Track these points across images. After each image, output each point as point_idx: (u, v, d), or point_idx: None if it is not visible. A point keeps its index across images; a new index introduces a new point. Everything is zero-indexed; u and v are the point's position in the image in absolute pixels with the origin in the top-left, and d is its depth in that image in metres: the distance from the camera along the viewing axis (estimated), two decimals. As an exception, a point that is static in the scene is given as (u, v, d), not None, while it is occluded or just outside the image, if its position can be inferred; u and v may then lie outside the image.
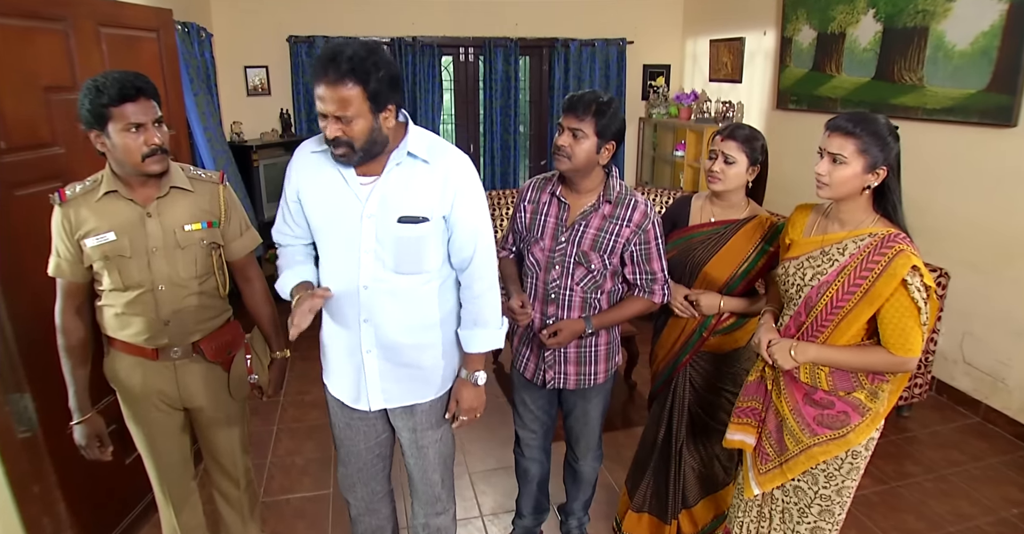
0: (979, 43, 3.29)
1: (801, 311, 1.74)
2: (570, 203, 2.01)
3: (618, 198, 2.00)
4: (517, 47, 5.71)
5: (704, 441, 2.34)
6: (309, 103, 5.45)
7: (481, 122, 6.01)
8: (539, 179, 2.11)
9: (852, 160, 1.62)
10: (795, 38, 4.59)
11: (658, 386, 2.38)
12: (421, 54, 5.50)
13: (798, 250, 1.79)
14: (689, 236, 2.20)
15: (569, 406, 2.27)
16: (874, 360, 1.67)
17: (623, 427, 3.45)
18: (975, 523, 2.73)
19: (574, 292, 2.04)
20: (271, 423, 3.42)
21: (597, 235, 1.99)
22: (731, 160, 2.06)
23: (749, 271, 2.10)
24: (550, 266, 2.03)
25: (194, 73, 3.90)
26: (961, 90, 3.42)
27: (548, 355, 2.12)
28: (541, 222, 2.04)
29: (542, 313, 2.09)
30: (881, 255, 1.61)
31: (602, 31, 5.90)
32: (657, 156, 6.40)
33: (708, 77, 5.78)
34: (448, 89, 5.98)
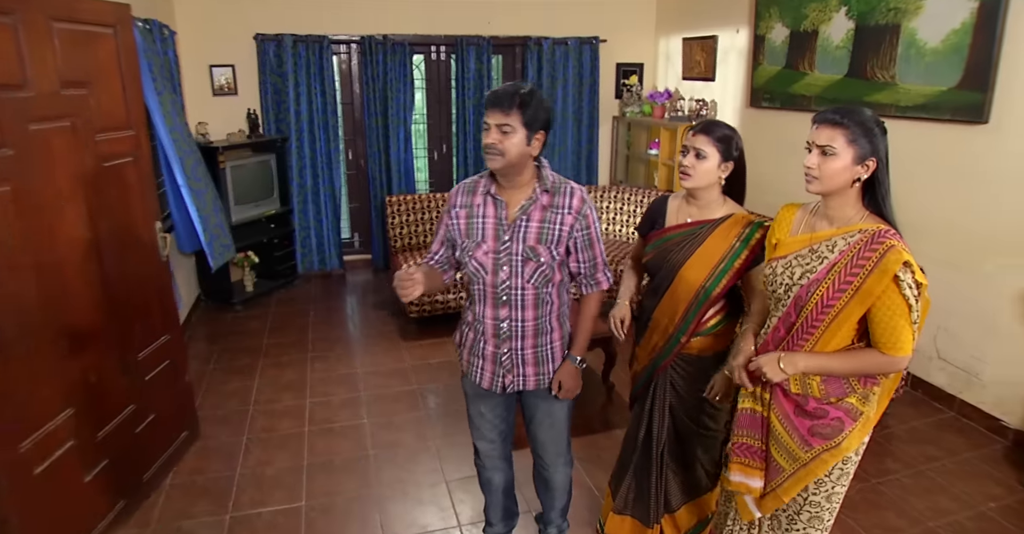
0: (950, 40, 3.31)
1: (791, 311, 1.71)
2: (506, 200, 1.95)
3: (554, 187, 1.96)
4: (490, 45, 5.65)
5: (686, 446, 2.29)
6: (277, 103, 5.33)
7: (454, 121, 5.94)
8: (466, 183, 2.03)
9: (842, 151, 1.58)
10: (768, 36, 4.59)
11: (638, 388, 2.33)
12: (392, 53, 5.41)
13: (785, 249, 1.76)
14: (666, 237, 2.16)
15: (531, 411, 2.20)
16: (865, 362, 1.64)
17: (603, 430, 3.40)
18: (955, 518, 2.73)
19: (525, 290, 1.98)
20: (240, 434, 3.30)
21: (541, 227, 1.94)
22: (702, 155, 2.02)
23: (727, 271, 2.05)
24: (497, 267, 1.96)
25: (157, 72, 3.77)
26: (933, 87, 3.43)
27: (505, 358, 2.06)
28: (479, 225, 1.96)
29: (495, 317, 2.02)
30: (872, 251, 1.58)
31: (575, 30, 5.87)
32: (631, 155, 6.39)
33: (681, 75, 5.77)
34: (420, 88, 5.90)
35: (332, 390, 3.78)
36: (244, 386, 3.80)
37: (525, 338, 2.04)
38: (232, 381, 3.86)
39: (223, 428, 3.35)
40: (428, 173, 6.19)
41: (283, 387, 3.80)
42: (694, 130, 2.06)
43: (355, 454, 3.15)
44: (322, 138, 5.46)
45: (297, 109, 5.34)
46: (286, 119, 5.35)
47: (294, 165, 5.45)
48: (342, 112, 5.71)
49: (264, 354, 4.24)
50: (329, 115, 5.43)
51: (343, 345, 4.42)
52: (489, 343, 2.07)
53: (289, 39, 5.17)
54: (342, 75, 5.66)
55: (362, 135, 5.76)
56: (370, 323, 4.84)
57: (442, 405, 3.63)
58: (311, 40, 5.23)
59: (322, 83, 5.34)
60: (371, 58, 5.39)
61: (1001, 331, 3.29)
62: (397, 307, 4.93)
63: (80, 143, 2.35)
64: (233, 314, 4.92)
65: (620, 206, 5.51)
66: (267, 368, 4.04)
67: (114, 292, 2.53)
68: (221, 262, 4.23)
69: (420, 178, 6.12)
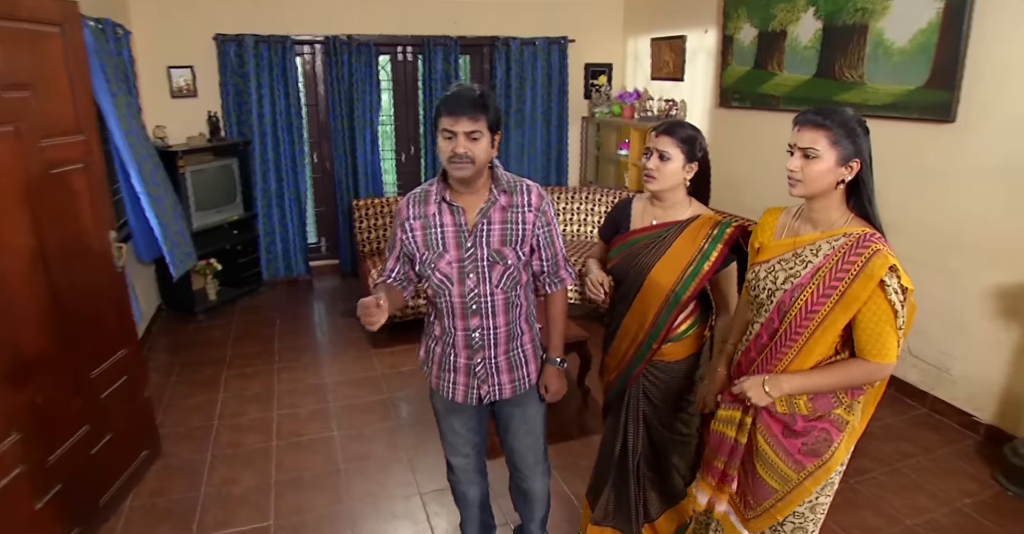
0: (917, 40, 3.33)
1: (774, 317, 1.66)
2: (463, 206, 1.87)
3: (511, 186, 1.90)
4: (457, 46, 5.57)
5: (662, 454, 2.24)
6: (239, 105, 5.17)
7: (421, 123, 5.85)
8: (415, 193, 1.92)
9: (825, 153, 1.54)
10: (736, 36, 4.59)
11: (611, 398, 2.27)
12: (357, 53, 5.30)
13: (768, 253, 1.71)
14: (632, 241, 2.10)
15: (506, 420, 2.13)
16: (851, 374, 1.60)
17: (579, 436, 3.35)
18: (931, 516, 2.74)
19: (495, 296, 1.91)
20: (203, 450, 3.17)
21: (504, 229, 1.88)
22: (666, 157, 1.98)
23: (696, 274, 2.00)
24: (463, 276, 1.89)
25: (111, 73, 3.61)
26: (901, 86, 3.45)
27: (479, 369, 1.99)
28: (438, 235, 1.87)
29: (465, 328, 1.94)
30: (857, 255, 1.54)
31: (543, 30, 5.82)
32: (601, 155, 6.36)
33: (650, 76, 5.76)
34: (386, 89, 5.79)
35: (300, 401, 3.66)
36: (208, 399, 3.66)
37: (498, 345, 1.98)
38: (195, 395, 3.71)
39: (186, 445, 3.21)
40: (396, 175, 6.08)
41: (249, 399, 3.67)
42: (657, 131, 2.01)
43: (325, 468, 3.04)
44: (286, 141, 5.32)
45: (260, 111, 5.19)
46: (248, 122, 5.19)
47: (257, 169, 5.30)
48: (306, 114, 5.57)
49: (228, 365, 4.09)
50: (293, 117, 5.30)
51: (311, 354, 4.29)
52: (461, 355, 1.99)
53: (250, 39, 5.02)
54: (306, 76, 5.53)
55: (327, 137, 5.63)
56: (338, 330, 4.72)
57: (414, 414, 3.54)
58: (273, 40, 5.09)
59: (285, 84, 5.20)
60: (336, 59, 5.27)
61: (969, 328, 3.32)
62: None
63: (24, 149, 2.21)
64: (196, 324, 4.75)
65: (591, 207, 5.48)
66: (232, 380, 3.90)
67: (64, 305, 2.39)
68: (183, 270, 4.08)
69: (388, 181, 6.01)
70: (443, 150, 1.78)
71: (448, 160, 1.78)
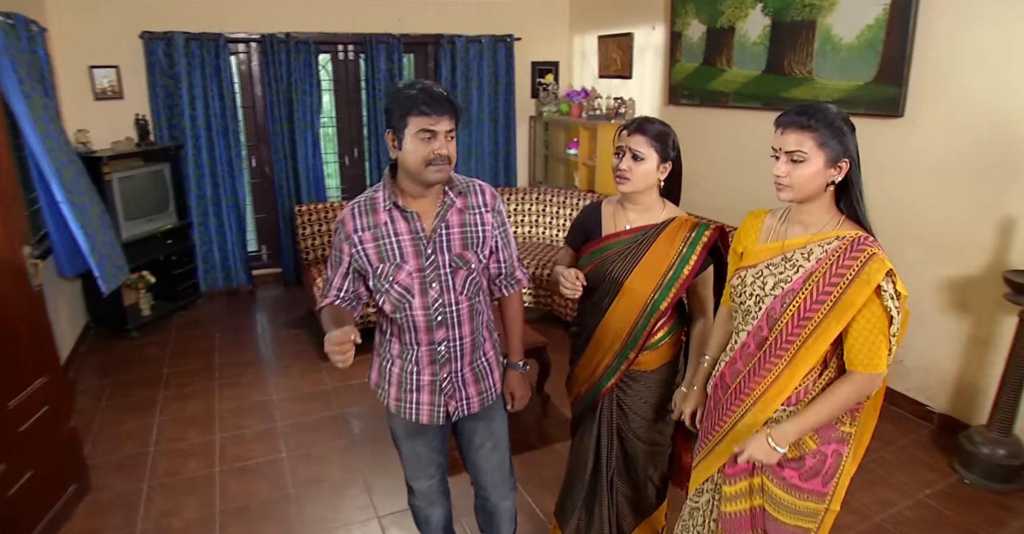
0: (865, 36, 3.34)
1: (763, 325, 1.57)
2: (417, 211, 1.74)
3: (464, 187, 1.80)
4: (401, 44, 5.39)
5: (637, 466, 2.15)
6: (170, 107, 4.88)
7: (365, 124, 5.65)
8: (360, 203, 1.75)
9: (813, 156, 1.47)
10: (685, 33, 4.57)
11: (581, 412, 2.16)
12: (296, 52, 5.07)
13: (754, 258, 1.63)
14: (605, 247, 2.00)
15: (470, 436, 2.00)
16: (847, 394, 1.51)
17: (541, 445, 3.24)
18: (897, 509, 2.74)
19: (459, 304, 1.80)
20: (139, 481, 2.93)
21: (464, 232, 1.78)
22: (640, 156, 1.88)
23: (675, 280, 1.92)
24: (425, 287, 1.76)
25: (24, 73, 3.31)
26: (850, 82, 3.47)
27: (446, 384, 1.87)
28: (393, 245, 1.73)
29: (430, 342, 1.82)
30: (852, 259, 1.47)
31: (489, 27, 5.70)
32: (550, 155, 6.29)
33: (598, 74, 5.71)
34: (327, 89, 5.57)
35: (244, 422, 3.43)
36: (142, 424, 3.40)
37: (463, 357, 1.86)
38: (128, 420, 3.44)
39: (119, 476, 2.96)
40: (339, 179, 5.86)
41: (188, 422, 3.42)
42: (628, 130, 1.91)
43: (274, 495, 2.84)
44: (222, 144, 5.05)
45: (192, 114, 4.91)
46: (180, 125, 4.90)
47: (191, 174, 5.01)
48: (243, 116, 5.31)
49: (165, 385, 3.83)
50: (229, 120, 5.03)
51: (255, 369, 4.06)
52: (424, 372, 1.86)
53: (180, 37, 4.73)
54: (242, 76, 5.26)
55: (266, 141, 5.37)
56: (284, 342, 4.49)
57: (368, 429, 3.36)
58: (205, 38, 4.81)
59: (219, 85, 4.94)
60: (273, 58, 5.03)
61: (921, 318, 3.35)
62: (313, 323, 4.60)
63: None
64: (128, 342, 4.44)
65: (542, 208, 5.39)
66: (169, 401, 3.64)
67: (-29, 332, 2.14)
68: (115, 285, 3.78)
69: (331, 185, 5.78)
70: (417, 152, 1.64)
71: (427, 163, 1.65)
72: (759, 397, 1.60)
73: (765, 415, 1.60)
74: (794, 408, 1.59)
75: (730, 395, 1.66)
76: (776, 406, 1.59)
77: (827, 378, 1.58)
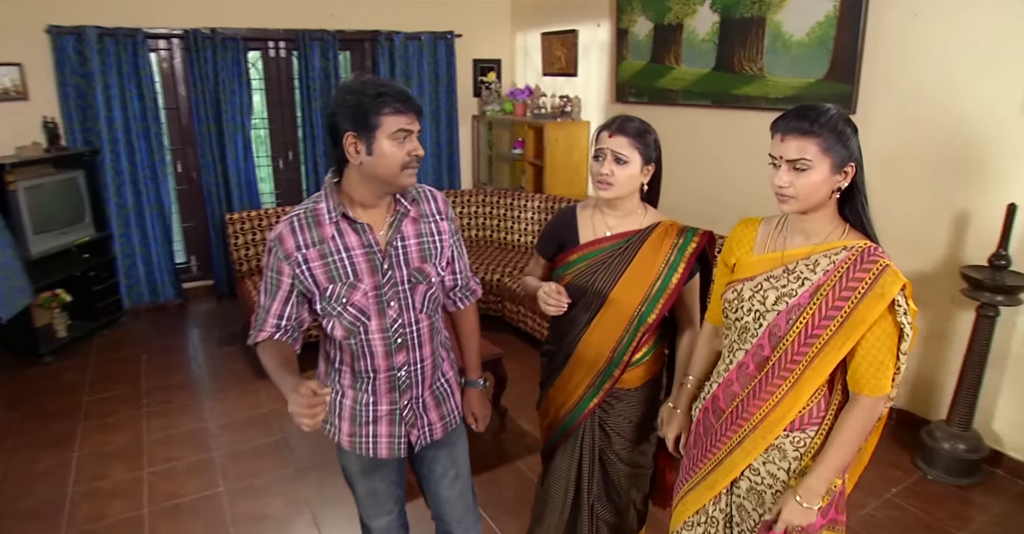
0: (816, 33, 3.31)
1: (764, 343, 1.44)
2: (369, 222, 1.56)
3: (416, 193, 1.65)
4: (336, 41, 5.13)
5: (620, 490, 2.01)
6: (83, 109, 4.48)
7: (299, 125, 5.36)
8: (299, 216, 1.55)
9: (817, 163, 1.34)
10: (631, 30, 4.48)
11: (559, 437, 2.00)
12: (223, 49, 4.74)
13: (751, 270, 1.49)
14: (585, 256, 1.85)
15: (431, 465, 1.82)
16: (859, 425, 1.40)
17: (501, 463, 3.06)
18: (867, 511, 2.70)
19: (420, 323, 1.64)
20: (55, 528, 2.60)
21: (421, 243, 1.62)
22: (623, 159, 1.74)
23: (664, 290, 1.78)
24: (383, 306, 1.57)
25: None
26: (801, 79, 3.44)
27: (407, 412, 1.69)
28: (344, 262, 1.54)
29: (389, 367, 1.63)
30: (864, 272, 1.35)
31: (428, 24, 5.50)
32: (495, 155, 6.14)
33: (542, 71, 5.59)
34: (258, 89, 5.25)
35: (176, 453, 3.13)
36: (59, 462, 3.05)
37: (424, 381, 1.70)
38: (42, 458, 3.09)
39: (31, 524, 2.63)
40: (273, 184, 5.54)
41: (111, 457, 3.09)
42: (609, 130, 1.76)
43: (212, 536, 2.59)
44: (143, 149, 4.68)
45: (109, 116, 4.52)
46: (96, 128, 4.51)
47: (110, 182, 4.62)
48: (166, 118, 4.94)
49: (85, 415, 3.47)
50: (150, 122, 4.66)
51: (187, 393, 3.74)
52: (383, 401, 1.67)
53: (93, 32, 4.35)
54: (164, 75, 4.89)
55: (192, 144, 5.01)
56: (218, 361, 4.18)
57: (314, 455, 3.11)
58: (121, 34, 4.44)
59: (139, 85, 4.57)
60: (198, 55, 4.69)
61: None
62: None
63: None
64: (41, 367, 4.02)
65: (489, 210, 5.22)
66: (89, 434, 3.30)
67: None
68: (14, 310, 3.39)
69: (265, 190, 5.46)
70: (395, 155, 1.46)
71: (403, 166, 1.48)
72: (759, 422, 1.47)
73: (766, 442, 1.48)
74: (798, 434, 1.47)
75: (725, 420, 1.53)
76: (778, 432, 1.46)
77: (837, 401, 1.46)
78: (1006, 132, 2.79)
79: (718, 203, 4.07)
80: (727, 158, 4.04)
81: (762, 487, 1.52)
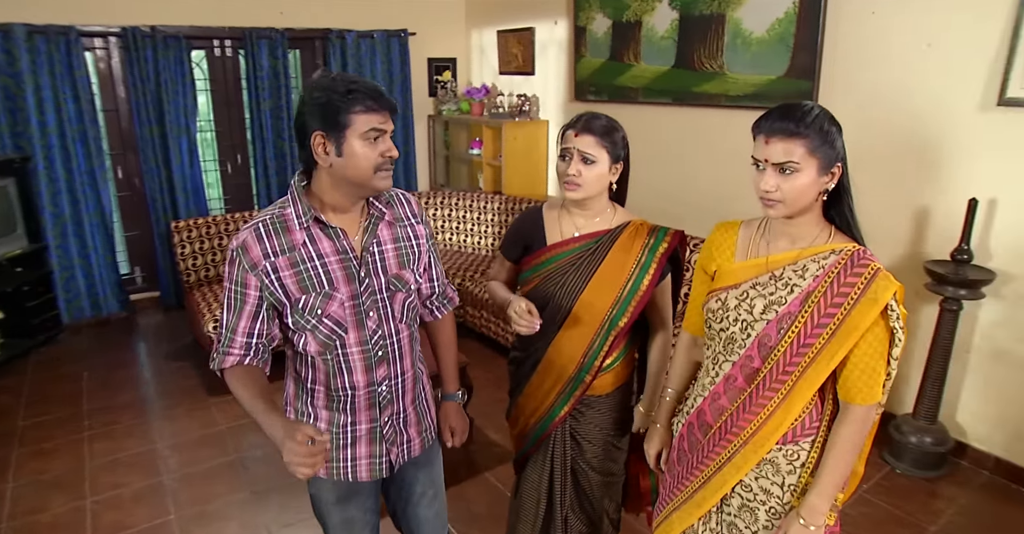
0: (776, 30, 3.30)
1: (754, 355, 1.37)
2: (342, 226, 1.45)
3: (390, 196, 1.57)
4: (285, 39, 4.94)
5: (594, 500, 1.95)
6: (12, 112, 4.19)
7: (248, 128, 5.15)
8: (264, 223, 1.42)
9: (805, 165, 1.28)
10: (589, 27, 4.42)
11: (528, 447, 1.92)
12: (164, 48, 4.51)
13: (735, 277, 1.42)
14: (552, 258, 1.78)
15: (409, 486, 1.72)
16: (853, 436, 1.34)
17: (469, 476, 2.95)
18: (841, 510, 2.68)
19: (400, 333, 1.54)
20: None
21: (399, 248, 1.53)
22: (591, 159, 1.68)
23: (635, 292, 1.72)
24: (362, 317, 1.47)
25: None
26: (762, 76, 3.42)
27: (388, 429, 1.58)
28: (318, 269, 1.43)
29: (369, 383, 1.52)
30: (856, 276, 1.29)
31: (381, 22, 5.35)
32: (451, 156, 6.04)
33: (499, 70, 5.49)
34: (203, 90, 5.02)
35: (122, 479, 2.93)
36: (-9, 493, 2.84)
37: (406, 395, 1.60)
38: (-28, 489, 2.87)
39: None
40: (222, 189, 5.31)
41: (50, 486, 2.88)
42: (575, 129, 1.69)
43: (163, 568, 2.42)
44: (80, 154, 4.42)
45: (41, 119, 4.25)
46: (27, 133, 4.24)
47: (44, 190, 4.34)
48: (105, 121, 4.67)
49: (20, 441, 3.23)
50: (88, 125, 4.40)
51: (133, 413, 3.51)
52: (362, 419, 1.55)
53: (21, 30, 4.07)
54: (101, 76, 4.63)
55: (134, 148, 4.76)
56: (166, 377, 3.95)
57: (272, 476, 2.94)
58: (53, 31, 4.17)
59: (74, 86, 4.30)
60: (138, 55, 4.45)
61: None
62: (199, 353, 4.09)
63: None
64: (-30, 390, 3.77)
65: (447, 212, 5.11)
66: (25, 461, 3.07)
67: None
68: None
69: (213, 195, 5.23)
70: (368, 156, 1.36)
71: (376, 168, 1.38)
72: (750, 437, 1.40)
73: (758, 456, 1.41)
74: (791, 447, 1.40)
75: (713, 435, 1.46)
76: (770, 446, 1.40)
77: (829, 411, 1.40)
78: (964, 129, 2.81)
79: (680, 202, 4.05)
80: (688, 156, 4.01)
81: (755, 503, 1.46)
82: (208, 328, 3.69)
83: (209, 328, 3.69)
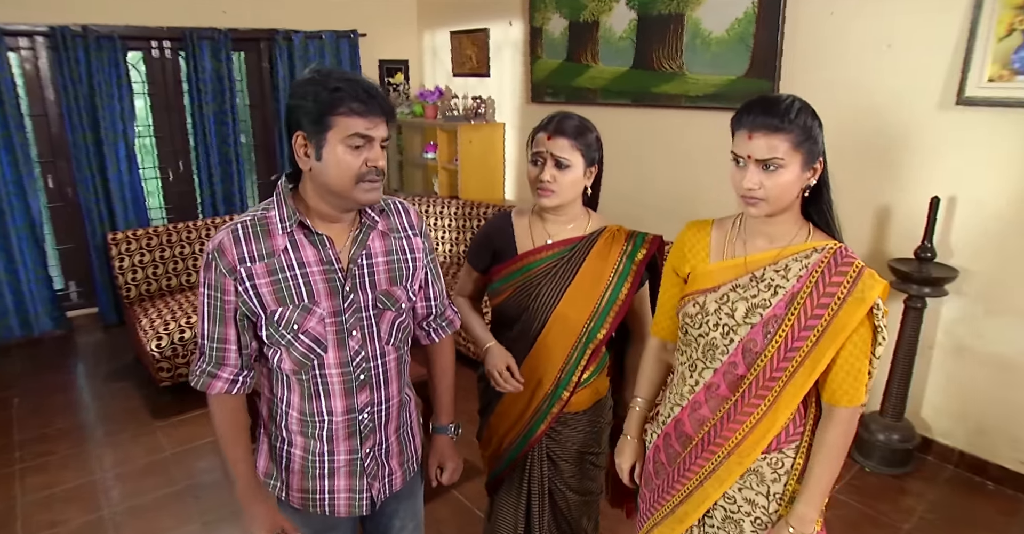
0: (735, 30, 3.29)
1: (738, 361, 1.30)
2: (329, 234, 1.33)
3: (386, 205, 1.43)
4: (228, 40, 4.72)
5: (571, 520, 1.86)
6: (-74, 118, 3.89)
7: (191, 133, 4.90)
8: (245, 225, 1.30)
9: (789, 161, 1.22)
10: (545, 28, 4.36)
11: (503, 469, 1.82)
12: (97, 48, 4.25)
13: (711, 280, 1.35)
14: (525, 267, 1.68)
15: (388, 520, 1.59)
16: (839, 440, 1.29)
17: (436, 495, 2.81)
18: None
19: (387, 356, 1.41)
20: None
21: (391, 261, 1.40)
22: (565, 164, 1.59)
23: (613, 302, 1.64)
24: (343, 336, 1.34)
25: None
26: (722, 76, 3.41)
27: (369, 462, 1.44)
28: (297, 280, 1.30)
29: (349, 409, 1.39)
30: (841, 275, 1.24)
31: (329, 22, 5.17)
32: (405, 160, 5.92)
33: (452, 72, 5.39)
34: (141, 93, 4.76)
35: (59, 515, 2.69)
36: (-92, 538, 2.58)
37: (389, 423, 1.46)
38: None
39: None
40: (163, 198, 5.04)
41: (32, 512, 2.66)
42: (547, 132, 1.60)
43: (106, 613, 2.22)
44: (5, 162, 4.11)
45: (-40, 126, 3.96)
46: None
47: (-35, 201, 4.04)
48: (32, 127, 4.37)
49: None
50: (13, 131, 4.10)
51: (70, 441, 3.26)
52: (340, 450, 1.41)
53: (-63, 30, 3.78)
54: (27, 78, 4.33)
55: (66, 156, 4.47)
56: (107, 400, 3.69)
57: (225, 504, 2.75)
58: (-31, 31, 3.89)
59: (-4, 89, 4.02)
60: (68, 55, 4.17)
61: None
62: (142, 373, 3.85)
63: None
64: None
65: (405, 218, 4.95)
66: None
67: None
68: None
69: (154, 204, 4.97)
70: (346, 165, 1.23)
71: (358, 179, 1.24)
72: (735, 447, 1.33)
73: (743, 467, 1.34)
74: (775, 455, 1.34)
75: (695, 448, 1.39)
76: (755, 456, 1.33)
77: (812, 416, 1.34)
78: (924, 128, 2.83)
79: (638, 203, 4.01)
80: (646, 157, 3.98)
81: (739, 515, 1.39)
82: (153, 346, 3.46)
83: (164, 343, 3.46)
